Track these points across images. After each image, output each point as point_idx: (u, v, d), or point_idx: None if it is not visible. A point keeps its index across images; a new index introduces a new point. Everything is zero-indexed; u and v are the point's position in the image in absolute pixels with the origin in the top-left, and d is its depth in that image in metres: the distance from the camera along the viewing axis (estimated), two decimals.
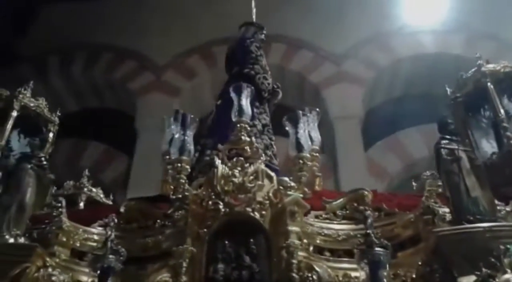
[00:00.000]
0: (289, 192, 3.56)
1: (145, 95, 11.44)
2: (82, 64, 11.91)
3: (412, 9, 11.45)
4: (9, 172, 3.77)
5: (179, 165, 3.82)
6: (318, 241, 3.63)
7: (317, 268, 3.33)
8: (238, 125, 4.06)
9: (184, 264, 3.36)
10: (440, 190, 3.65)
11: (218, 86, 11.60)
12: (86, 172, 5.97)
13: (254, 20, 6.49)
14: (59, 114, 5.12)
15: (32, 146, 3.89)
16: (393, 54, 11.59)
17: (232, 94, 4.24)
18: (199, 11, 11.63)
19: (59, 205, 3.81)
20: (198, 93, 11.71)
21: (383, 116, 11.30)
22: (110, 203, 5.80)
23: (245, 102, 4.19)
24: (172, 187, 4.01)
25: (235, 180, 3.60)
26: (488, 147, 4.20)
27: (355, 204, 3.85)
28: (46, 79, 11.37)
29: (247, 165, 3.69)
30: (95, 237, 3.84)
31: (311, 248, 3.57)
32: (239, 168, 3.68)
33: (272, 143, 5.19)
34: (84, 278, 3.64)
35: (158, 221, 3.96)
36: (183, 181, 3.75)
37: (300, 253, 3.37)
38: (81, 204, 5.81)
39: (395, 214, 3.75)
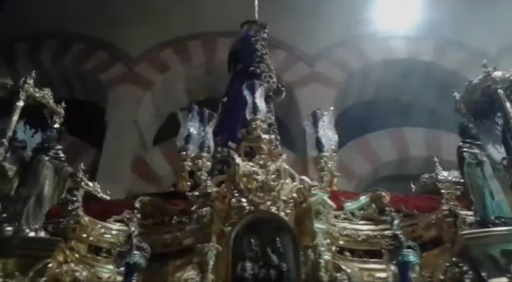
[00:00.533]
0: (313, 191, 3.55)
1: (116, 87, 11.18)
2: (52, 53, 11.56)
3: (385, 15, 11.55)
4: (25, 164, 3.66)
5: (199, 161, 3.78)
6: (341, 242, 3.64)
7: (345, 268, 3.35)
8: (254, 123, 4.03)
9: (211, 262, 3.33)
10: (458, 193, 3.70)
11: (191, 81, 11.63)
12: (82, 166, 5.83)
13: (256, 17, 6.43)
14: (64, 105, 5.00)
15: (49, 137, 3.78)
16: (365, 58, 11.67)
17: (246, 92, 4.22)
18: (174, 4, 11.49)
19: (74, 198, 3.71)
20: (171, 87, 11.57)
21: (354, 119, 11.36)
22: (108, 197, 5.67)
23: (259, 99, 4.17)
24: (188, 183, 3.98)
25: (259, 177, 3.58)
26: (495, 152, 4.26)
27: (373, 205, 3.88)
28: (14, 67, 11.04)
29: (269, 163, 3.68)
30: (113, 233, 3.77)
31: (333, 248, 3.56)
32: (260, 166, 3.67)
33: (277, 142, 5.16)
34: (104, 274, 3.56)
35: (175, 217, 3.90)
36: (205, 178, 3.70)
37: (326, 253, 3.38)
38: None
39: (414, 215, 3.79)
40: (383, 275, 3.45)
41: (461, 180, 4.47)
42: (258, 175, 3.60)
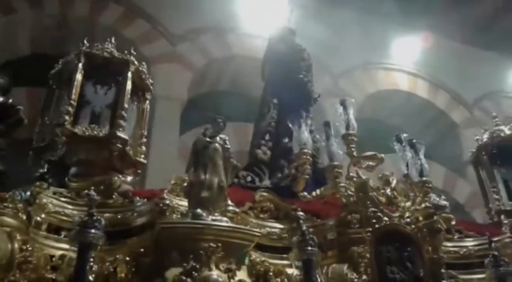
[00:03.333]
0: (430, 211, 4.26)
1: None
2: None
3: (254, 14, 12.16)
4: (199, 150, 3.79)
5: (336, 170, 4.23)
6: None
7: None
8: (350, 137, 4.58)
9: (362, 264, 3.87)
10: None
11: (38, 31, 10.97)
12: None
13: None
14: (152, 81, 4.91)
15: (216, 126, 3.91)
16: (227, 49, 12.07)
17: (339, 107, 4.72)
18: None
19: None
20: (12, 32, 10.63)
21: (205, 106, 11.76)
22: None
23: (353, 117, 4.72)
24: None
25: (388, 193, 4.19)
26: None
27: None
28: None
29: (391, 179, 4.30)
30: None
31: None
32: (384, 182, 4.28)
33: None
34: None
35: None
36: (342, 185, 4.19)
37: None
38: None
39: (475, 237, 4.67)
40: None
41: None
42: (385, 191, 4.21)
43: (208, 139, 3.82)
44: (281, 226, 4.14)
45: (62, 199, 3.84)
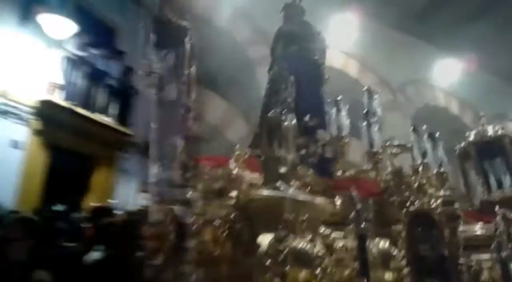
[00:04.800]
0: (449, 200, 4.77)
1: None
2: None
3: None
4: (272, 127, 4.05)
5: (377, 156, 4.64)
6: None
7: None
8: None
9: (400, 241, 4.35)
10: None
11: None
12: None
13: None
14: None
15: (287, 106, 4.17)
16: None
17: (364, 96, 5.13)
18: None
19: None
20: None
21: None
22: None
23: (378, 104, 5.15)
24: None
25: (419, 180, 4.66)
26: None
27: None
28: None
29: (420, 169, 4.77)
30: None
31: None
32: (413, 172, 4.75)
33: None
34: None
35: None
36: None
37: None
38: None
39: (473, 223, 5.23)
40: None
41: None
42: (416, 178, 4.67)
43: (281, 118, 4.06)
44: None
45: None
